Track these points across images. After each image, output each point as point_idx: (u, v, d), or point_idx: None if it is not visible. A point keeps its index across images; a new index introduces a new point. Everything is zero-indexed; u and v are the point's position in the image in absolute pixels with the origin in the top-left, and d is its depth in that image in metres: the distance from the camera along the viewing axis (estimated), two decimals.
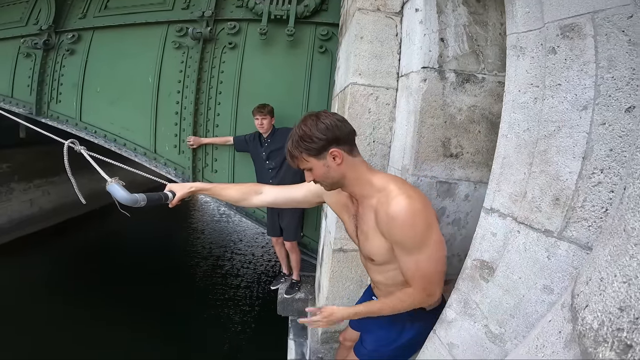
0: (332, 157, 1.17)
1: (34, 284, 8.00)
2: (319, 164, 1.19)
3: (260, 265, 10.07)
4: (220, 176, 3.51)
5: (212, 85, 3.45)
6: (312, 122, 1.16)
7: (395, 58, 1.83)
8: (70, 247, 10.53)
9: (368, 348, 1.59)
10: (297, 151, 1.19)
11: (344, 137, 1.18)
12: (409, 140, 1.62)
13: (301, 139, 1.17)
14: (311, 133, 1.15)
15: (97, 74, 3.65)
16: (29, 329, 6.65)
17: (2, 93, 3.85)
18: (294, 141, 1.19)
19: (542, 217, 0.82)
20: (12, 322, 6.82)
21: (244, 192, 1.55)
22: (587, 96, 0.73)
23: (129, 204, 1.34)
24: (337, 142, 1.16)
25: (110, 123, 3.57)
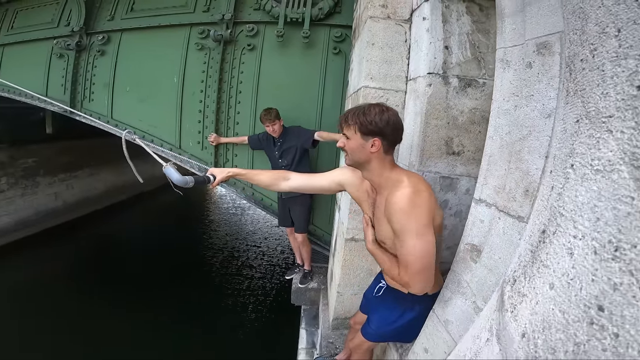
0: (372, 144, 1.31)
1: (59, 275, 8.46)
2: (359, 141, 1.33)
3: (273, 257, 10.32)
4: None
5: (232, 85, 3.65)
6: (381, 111, 1.31)
7: (404, 63, 2.00)
8: (93, 239, 10.97)
9: (372, 327, 1.76)
10: (352, 120, 1.33)
11: (390, 137, 1.33)
12: (415, 139, 1.79)
13: (363, 114, 1.31)
14: (373, 116, 1.30)
15: (126, 74, 3.90)
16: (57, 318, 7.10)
17: (37, 92, 4.14)
18: (357, 112, 1.34)
19: (516, 206, 0.98)
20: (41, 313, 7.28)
21: (274, 178, 1.71)
22: (551, 106, 0.89)
23: (181, 184, 1.52)
24: (383, 136, 1.31)
25: (139, 120, 3.83)
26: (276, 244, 11.13)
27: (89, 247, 10.61)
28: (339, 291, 2.69)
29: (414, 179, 1.33)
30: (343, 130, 1.39)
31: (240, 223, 13.16)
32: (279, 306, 7.66)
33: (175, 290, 8.21)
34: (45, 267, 9.16)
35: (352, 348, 2.05)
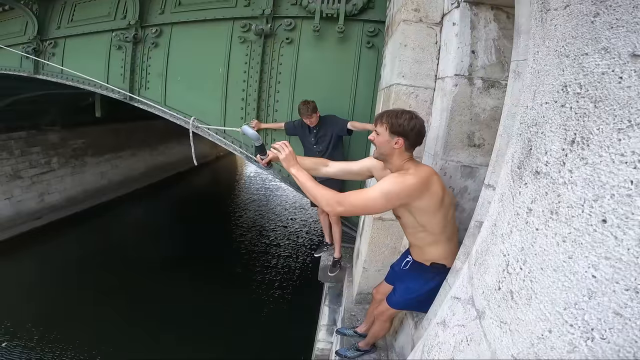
0: (396, 142, 1.65)
1: (106, 251, 9.16)
2: (387, 137, 1.66)
3: (301, 236, 10.70)
4: None
5: (272, 76, 3.94)
6: (410, 117, 1.64)
7: (434, 63, 2.24)
8: (137, 214, 11.70)
9: (397, 295, 2.02)
10: (386, 120, 1.66)
11: (412, 138, 1.66)
12: (440, 131, 2.05)
13: (395, 117, 1.65)
14: (403, 121, 1.63)
15: (177, 65, 4.27)
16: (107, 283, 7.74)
17: (100, 81, 4.60)
18: (392, 114, 1.67)
19: None
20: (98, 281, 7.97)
21: (316, 163, 2.05)
22: None
23: (254, 138, 1.85)
24: (406, 137, 1.64)
25: (189, 106, 4.22)
26: (302, 224, 11.48)
27: (133, 221, 11.32)
28: (364, 267, 2.90)
29: (421, 169, 1.66)
30: (376, 126, 1.71)
31: (269, 203, 13.58)
32: (303, 283, 7.98)
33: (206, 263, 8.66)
34: (97, 241, 9.91)
35: (376, 315, 2.30)
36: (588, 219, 0.60)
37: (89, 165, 11.42)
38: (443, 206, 1.67)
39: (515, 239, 0.79)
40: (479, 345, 0.85)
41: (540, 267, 0.70)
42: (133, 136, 12.79)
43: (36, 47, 5.10)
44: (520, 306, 0.75)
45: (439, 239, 1.75)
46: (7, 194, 9.57)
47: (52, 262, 8.58)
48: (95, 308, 7.06)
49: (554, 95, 0.72)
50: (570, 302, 0.62)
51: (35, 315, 6.87)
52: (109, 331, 6.47)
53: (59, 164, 10.73)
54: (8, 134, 9.77)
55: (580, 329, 0.60)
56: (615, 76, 0.58)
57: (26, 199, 9.92)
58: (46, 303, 7.20)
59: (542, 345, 0.67)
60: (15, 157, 9.85)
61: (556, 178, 0.68)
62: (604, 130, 0.59)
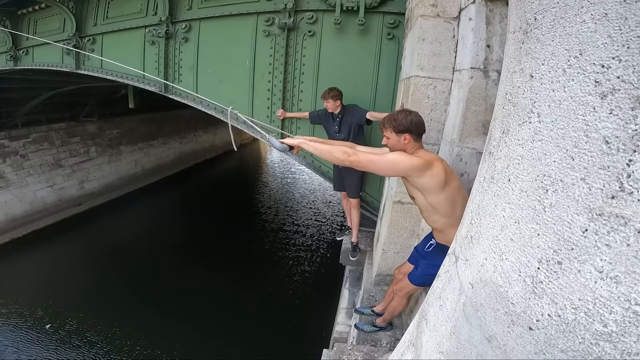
0: (404, 138, 1.84)
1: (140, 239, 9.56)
2: (395, 138, 1.87)
3: (323, 219, 10.88)
4: None
5: (296, 67, 4.05)
6: (404, 114, 1.86)
7: (452, 55, 2.32)
8: (169, 200, 12.13)
9: (419, 271, 2.18)
10: (388, 124, 1.87)
11: (415, 131, 1.85)
12: (457, 120, 2.16)
13: (394, 120, 1.85)
14: (400, 120, 1.84)
15: (207, 59, 4.44)
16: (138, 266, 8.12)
17: (136, 74, 4.81)
18: (389, 119, 1.87)
19: None
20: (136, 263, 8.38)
21: (346, 145, 2.12)
22: None
23: (280, 149, 2.04)
24: (410, 132, 1.83)
25: (219, 97, 4.35)
26: (325, 208, 11.62)
27: (165, 206, 11.74)
28: (383, 249, 3.01)
29: (427, 154, 1.86)
30: (383, 132, 1.91)
31: (293, 188, 13.78)
32: (326, 266, 8.16)
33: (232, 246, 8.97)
34: (131, 225, 10.36)
35: (395, 290, 2.46)
36: (503, 180, 0.88)
37: (124, 153, 11.87)
38: (448, 188, 1.82)
39: (476, 199, 1.05)
40: (454, 281, 1.08)
41: (484, 215, 0.97)
42: (164, 125, 13.16)
43: (76, 43, 5.34)
44: (474, 245, 0.99)
45: (456, 222, 1.81)
46: (50, 182, 10.11)
47: (92, 248, 9.08)
48: (130, 293, 7.43)
49: (501, 99, 0.98)
50: (494, 236, 0.88)
51: (77, 298, 7.23)
52: (143, 316, 6.79)
53: (96, 152, 11.20)
54: (49, 125, 10.24)
55: (497, 254, 0.86)
56: (522, 89, 0.84)
57: (67, 187, 10.46)
58: (87, 286, 7.58)
59: (482, 270, 0.91)
60: (57, 147, 10.34)
61: (495, 155, 0.96)
62: (514, 125, 0.86)
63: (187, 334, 6.33)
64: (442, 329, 1.10)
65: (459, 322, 0.99)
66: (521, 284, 0.76)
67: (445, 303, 1.12)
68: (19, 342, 6.28)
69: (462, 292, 1.01)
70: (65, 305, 7.03)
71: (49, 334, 6.44)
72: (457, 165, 2.19)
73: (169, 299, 7.18)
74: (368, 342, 2.63)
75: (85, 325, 6.62)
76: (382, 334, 2.70)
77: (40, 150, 10.06)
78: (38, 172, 9.91)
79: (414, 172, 1.78)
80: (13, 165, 9.42)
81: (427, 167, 1.77)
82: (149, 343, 6.20)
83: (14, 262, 8.37)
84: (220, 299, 7.12)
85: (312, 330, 5.92)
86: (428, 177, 1.78)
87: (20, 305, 7.05)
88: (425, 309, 1.29)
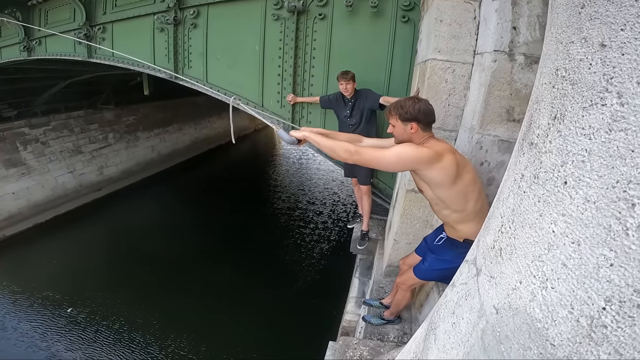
0: (410, 127, 1.67)
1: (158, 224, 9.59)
2: (401, 126, 1.69)
3: (338, 205, 10.77)
4: (314, 125, 3.97)
5: (306, 52, 3.84)
6: (414, 102, 1.66)
7: (472, 38, 2.12)
8: (184, 184, 12.14)
9: (426, 265, 2.01)
10: (394, 112, 1.68)
11: (423, 120, 1.66)
12: (478, 106, 1.98)
13: (400, 107, 1.67)
14: (407, 107, 1.65)
15: (216, 44, 4.25)
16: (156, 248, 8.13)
17: (147, 62, 4.65)
18: (396, 105, 1.68)
19: None
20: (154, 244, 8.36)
21: (351, 139, 2.01)
22: None
23: (288, 142, 1.90)
24: (417, 121, 1.65)
25: (229, 83, 4.24)
26: (340, 193, 11.48)
27: (180, 190, 11.76)
28: (395, 239, 2.85)
29: (437, 144, 1.66)
30: (389, 120, 1.73)
31: (306, 173, 13.66)
32: (337, 254, 8.02)
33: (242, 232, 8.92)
34: (150, 209, 10.41)
35: (398, 283, 2.31)
36: (555, 181, 0.67)
37: (141, 139, 11.85)
38: (460, 182, 1.65)
39: (510, 202, 0.84)
40: (473, 299, 0.91)
41: (522, 225, 0.76)
42: (178, 112, 13.07)
43: (87, 32, 5.19)
44: (504, 261, 0.80)
45: (468, 217, 1.73)
46: (70, 168, 10.16)
47: (111, 232, 9.16)
48: (148, 276, 7.46)
49: (549, 77, 0.77)
50: (535, 255, 0.69)
51: (97, 282, 7.27)
52: (161, 299, 6.82)
53: (114, 139, 11.18)
54: (68, 113, 10.22)
55: (539, 279, 0.66)
56: (587, 62, 0.63)
57: (87, 172, 10.50)
58: (106, 270, 7.64)
59: (514, 295, 0.73)
60: (76, 134, 10.35)
61: (541, 148, 0.75)
62: (574, 108, 0.65)
63: (202, 316, 6.37)
64: (452, 352, 0.94)
65: (475, 351, 0.82)
66: (572, 323, 0.58)
67: (459, 322, 0.95)
68: (41, 326, 6.36)
69: (482, 314, 0.83)
70: (86, 289, 7.10)
71: (70, 318, 6.51)
72: (476, 153, 2.03)
73: (183, 282, 7.23)
74: (375, 336, 2.51)
75: (104, 309, 6.67)
76: (390, 328, 2.58)
77: (60, 137, 10.06)
78: (59, 159, 9.94)
79: (422, 165, 1.60)
80: (34, 152, 9.45)
81: (437, 159, 1.59)
82: (165, 325, 6.26)
83: (37, 247, 8.50)
84: (233, 282, 7.14)
85: (322, 317, 5.85)
86: (437, 170, 1.61)
87: (43, 289, 7.13)
88: (435, 320, 1.13)
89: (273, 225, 9.50)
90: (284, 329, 6.06)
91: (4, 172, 8.80)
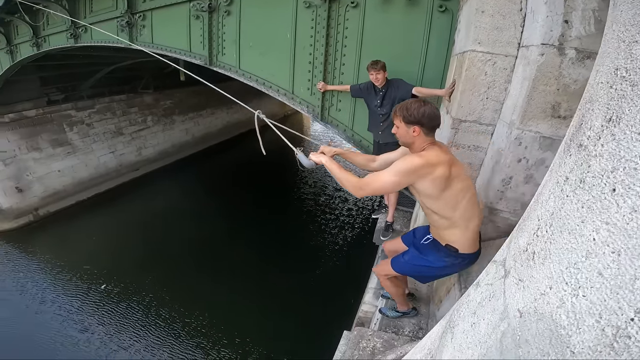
0: (413, 130, 1.64)
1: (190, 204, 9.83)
2: (404, 128, 1.67)
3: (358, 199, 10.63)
4: (343, 114, 3.93)
5: (338, 40, 3.72)
6: (419, 105, 1.63)
7: (517, 30, 1.96)
8: (216, 166, 12.41)
9: (405, 258, 2.01)
10: (399, 113, 1.67)
11: (427, 124, 1.63)
12: (520, 100, 1.85)
13: (405, 109, 1.65)
14: (412, 110, 1.63)
15: (249, 32, 4.21)
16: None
17: (184, 48, 4.72)
18: (401, 107, 1.68)
19: None
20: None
21: (367, 159, 2.08)
22: None
23: (307, 166, 1.96)
24: (421, 124, 1.62)
25: (261, 70, 4.21)
26: None
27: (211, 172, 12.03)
28: None
29: (432, 153, 1.62)
30: (394, 120, 1.72)
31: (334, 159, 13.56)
32: (356, 243, 7.98)
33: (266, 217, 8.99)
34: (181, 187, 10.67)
35: (374, 271, 2.32)
36: (603, 187, 0.63)
37: (177, 122, 12.21)
38: (449, 192, 1.63)
39: (550, 205, 0.80)
40: (497, 300, 0.87)
41: (560, 230, 0.72)
42: (212, 97, 13.31)
43: (128, 20, 5.30)
44: (536, 265, 0.76)
45: (454, 224, 1.72)
46: (112, 148, 10.65)
47: (147, 210, 9.51)
48: (181, 255, 7.71)
49: (607, 76, 0.71)
50: (571, 262, 0.66)
51: (132, 260, 7.55)
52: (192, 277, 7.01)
53: (152, 121, 11.59)
54: (111, 97, 10.66)
55: (571, 286, 0.64)
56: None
57: (127, 153, 10.98)
58: (141, 248, 7.92)
59: (541, 300, 0.70)
60: (118, 117, 10.80)
61: (591, 151, 0.70)
62: (632, 111, 0.60)
63: (225, 297, 6.55)
64: (468, 352, 0.91)
65: (491, 353, 0.80)
66: (596, 332, 0.57)
67: (479, 322, 0.92)
68: (77, 300, 6.70)
69: (504, 317, 0.80)
70: (120, 266, 7.37)
71: (104, 294, 6.82)
72: (515, 149, 1.91)
73: (211, 262, 7.43)
74: (390, 329, 2.46)
75: (135, 286, 6.93)
76: (406, 321, 2.51)
77: (104, 119, 10.53)
78: (102, 139, 10.43)
79: (417, 175, 1.59)
80: (79, 133, 9.96)
81: (429, 170, 1.58)
82: (190, 304, 6.46)
83: (79, 223, 8.97)
84: (256, 265, 7.25)
85: (339, 305, 5.84)
86: (428, 182, 1.60)
87: (82, 264, 7.49)
88: (454, 319, 1.09)
89: (299, 209, 9.56)
90: (300, 313, 6.13)
91: (51, 151, 9.35)
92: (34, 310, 6.56)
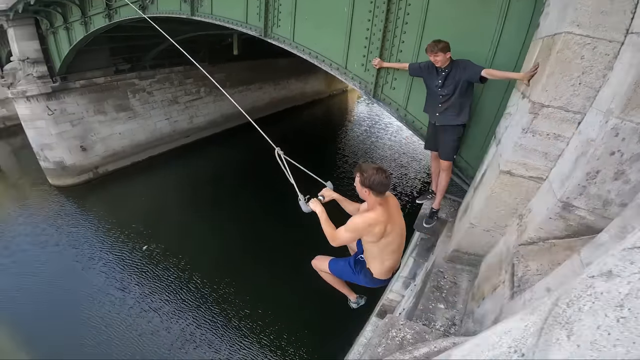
0: (365, 191, 2.08)
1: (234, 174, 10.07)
2: (359, 187, 2.10)
3: (402, 180, 10.25)
4: (398, 92, 3.65)
5: (399, 16, 3.41)
6: (372, 173, 2.02)
7: (627, 16, 1.62)
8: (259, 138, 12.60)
9: (341, 264, 2.60)
10: (358, 171, 2.07)
11: (376, 189, 2.05)
12: (624, 88, 1.52)
13: (363, 172, 2.05)
14: (367, 176, 2.03)
15: (305, 5, 4.03)
16: None
17: (240, 20, 4.65)
18: (360, 169, 2.07)
19: None
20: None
21: (355, 208, 2.52)
22: None
23: (306, 212, 2.39)
24: (371, 189, 2.05)
25: (315, 43, 4.04)
26: (404, 169, 10.91)
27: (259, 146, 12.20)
28: (472, 223, 2.48)
29: (373, 213, 2.12)
30: (355, 176, 2.13)
31: (379, 139, 13.18)
32: None
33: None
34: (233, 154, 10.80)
35: (312, 263, 2.78)
36: None
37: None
38: (383, 241, 2.18)
39: None
40: None
41: None
42: (261, 72, 13.46)
43: None
44: None
45: (376, 259, 2.34)
46: (167, 115, 11.23)
47: (194, 177, 9.85)
48: (219, 224, 7.82)
49: None
50: None
51: (174, 225, 7.76)
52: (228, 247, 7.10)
53: (205, 93, 12.03)
54: (171, 68, 11.16)
55: None
56: None
57: (180, 120, 11.52)
58: (185, 213, 8.12)
59: None
60: (175, 87, 11.34)
61: None
62: None
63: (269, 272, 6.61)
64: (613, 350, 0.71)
65: None
66: None
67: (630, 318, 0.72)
68: (121, 260, 7.04)
69: None
70: (162, 228, 7.66)
71: (144, 255, 7.13)
72: (609, 140, 1.58)
73: (254, 233, 7.50)
74: (421, 320, 2.25)
75: (174, 250, 7.11)
76: (439, 314, 2.31)
77: (162, 89, 11.07)
78: (159, 107, 11.01)
79: (361, 230, 2.14)
80: (140, 100, 10.56)
81: (369, 228, 2.10)
82: (224, 273, 6.61)
83: (133, 183, 9.54)
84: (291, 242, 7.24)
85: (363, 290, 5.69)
86: (370, 235, 2.14)
87: (131, 223, 7.86)
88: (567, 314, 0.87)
89: (340, 187, 9.42)
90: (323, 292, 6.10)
91: (114, 115, 10.00)
92: (82, 266, 7.02)
